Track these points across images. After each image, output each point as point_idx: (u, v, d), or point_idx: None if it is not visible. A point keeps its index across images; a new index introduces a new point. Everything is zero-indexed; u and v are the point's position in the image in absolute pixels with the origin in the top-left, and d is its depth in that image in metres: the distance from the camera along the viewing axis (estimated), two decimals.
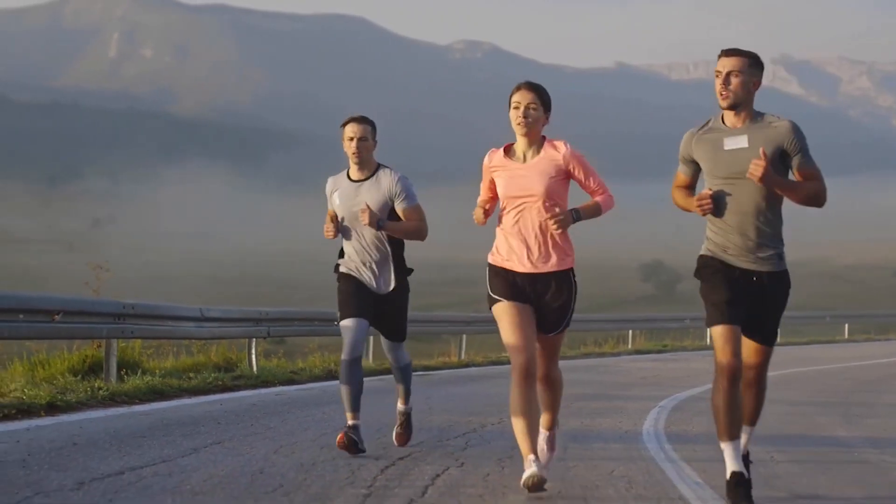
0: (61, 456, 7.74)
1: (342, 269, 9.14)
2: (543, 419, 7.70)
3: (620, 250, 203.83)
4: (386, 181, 9.05)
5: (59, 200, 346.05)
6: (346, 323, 8.86)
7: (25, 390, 11.34)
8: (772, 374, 7.15)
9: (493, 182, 7.63)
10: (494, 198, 7.71)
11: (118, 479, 6.84)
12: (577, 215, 7.44)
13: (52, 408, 10.67)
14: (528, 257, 7.43)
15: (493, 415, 11.99)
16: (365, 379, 8.96)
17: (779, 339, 32.90)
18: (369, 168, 9.11)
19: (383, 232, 9.00)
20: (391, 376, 10.06)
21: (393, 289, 9.09)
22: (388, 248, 9.06)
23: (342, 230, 9.11)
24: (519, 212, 7.46)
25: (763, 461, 8.75)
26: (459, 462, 8.30)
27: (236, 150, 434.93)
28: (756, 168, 6.88)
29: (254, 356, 17.49)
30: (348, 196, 9.09)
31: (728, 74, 7.04)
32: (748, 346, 7.22)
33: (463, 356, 25.27)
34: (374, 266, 9.03)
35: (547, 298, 7.45)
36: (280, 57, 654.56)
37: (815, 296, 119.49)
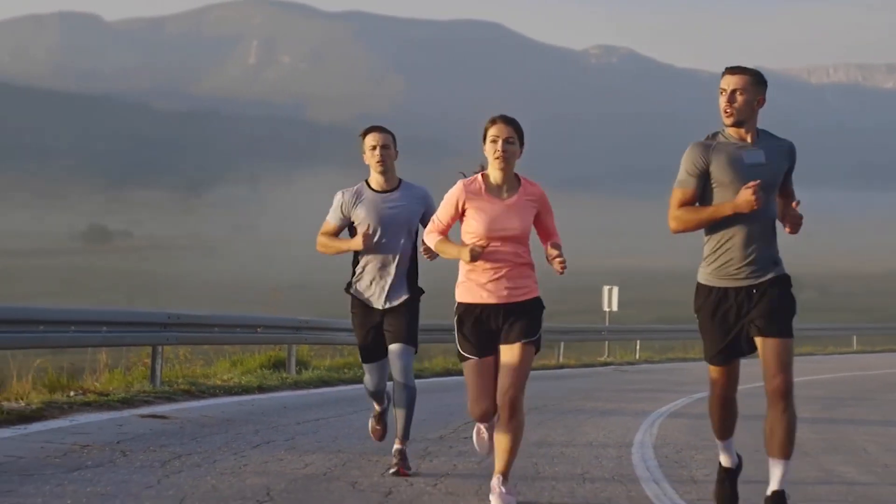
0: (280, 412, 13.27)
1: (355, 293, 9.14)
2: (499, 462, 7.59)
3: None
4: (419, 194, 9.06)
5: (202, 207, 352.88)
6: (369, 366, 9.31)
7: (241, 378, 17.03)
8: (810, 378, 10.07)
9: (455, 213, 7.67)
10: (449, 228, 7.79)
11: (316, 422, 12.31)
12: None
13: (260, 389, 16.35)
14: (501, 290, 7.53)
15: (548, 402, 17.27)
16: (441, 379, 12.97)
17: (854, 347, 37.32)
18: (394, 179, 9.05)
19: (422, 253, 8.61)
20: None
21: (404, 302, 9.04)
22: (409, 263, 9.08)
23: (372, 245, 8.96)
24: (493, 247, 7.51)
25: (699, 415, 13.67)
26: None
27: None
28: (797, 225, 7.28)
29: None
30: (377, 207, 8.97)
31: (733, 92, 7.06)
32: (768, 350, 7.10)
33: (560, 359, 30.69)
34: (391, 281, 8.99)
35: (518, 318, 7.56)
36: (416, 63, 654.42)
37: None
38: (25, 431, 10.40)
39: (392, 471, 8.80)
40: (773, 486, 7.07)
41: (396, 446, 9.03)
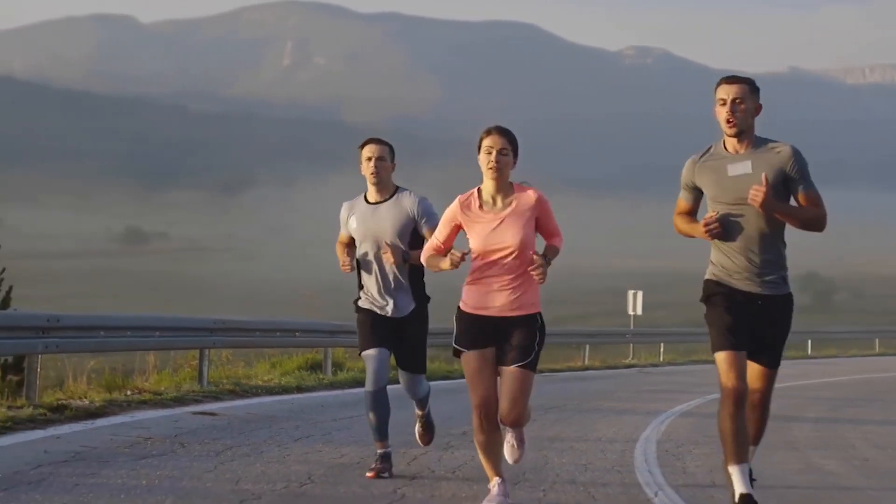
0: (318, 410, 14.50)
1: (361, 304, 9.18)
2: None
3: None
4: (406, 203, 8.95)
5: (236, 209, 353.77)
6: (368, 353, 9.02)
7: (281, 379, 18.30)
8: (826, 380, 10.61)
9: (453, 230, 7.71)
10: (447, 247, 7.76)
11: (350, 419, 13.48)
12: (547, 262, 7.51)
13: (299, 389, 17.64)
14: (500, 303, 7.52)
15: (568, 401, 18.37)
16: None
17: (876, 350, 38.19)
18: (388, 190, 9.04)
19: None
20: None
21: (411, 314, 9.07)
22: (407, 273, 9.02)
23: (359, 262, 9.11)
24: (492, 261, 7.52)
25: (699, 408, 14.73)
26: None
27: (409, 159, 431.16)
28: (756, 194, 6.93)
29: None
30: (366, 218, 9.00)
31: (734, 101, 7.11)
32: (753, 370, 7.31)
33: (586, 361, 31.80)
34: (392, 290, 9.00)
35: (513, 337, 7.54)
36: (451, 64, 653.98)
37: None
38: (93, 426, 11.71)
39: (417, 426, 9.87)
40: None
41: (417, 411, 9.84)
